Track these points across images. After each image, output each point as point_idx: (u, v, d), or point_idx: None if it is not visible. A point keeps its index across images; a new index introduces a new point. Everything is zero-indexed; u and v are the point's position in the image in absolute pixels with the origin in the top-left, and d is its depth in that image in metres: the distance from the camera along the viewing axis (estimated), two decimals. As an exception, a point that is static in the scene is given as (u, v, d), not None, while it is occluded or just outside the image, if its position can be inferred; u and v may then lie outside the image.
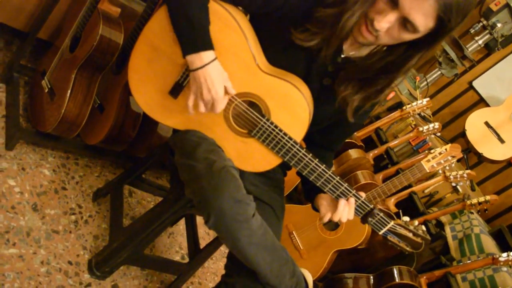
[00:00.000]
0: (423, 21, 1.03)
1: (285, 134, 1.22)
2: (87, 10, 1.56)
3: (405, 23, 1.05)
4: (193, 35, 1.14)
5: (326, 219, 1.28)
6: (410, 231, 1.30)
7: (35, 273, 1.46)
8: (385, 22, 1.06)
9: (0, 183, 1.55)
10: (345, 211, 1.24)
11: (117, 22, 1.62)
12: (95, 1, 1.54)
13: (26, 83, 1.89)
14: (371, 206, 1.27)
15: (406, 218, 1.31)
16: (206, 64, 1.15)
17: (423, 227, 1.31)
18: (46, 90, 1.68)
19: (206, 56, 1.15)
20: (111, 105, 1.71)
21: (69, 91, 1.61)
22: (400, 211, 1.38)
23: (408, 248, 1.32)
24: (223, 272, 2.12)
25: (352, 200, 1.25)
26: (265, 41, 1.26)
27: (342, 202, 1.24)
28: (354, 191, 1.24)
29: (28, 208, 1.57)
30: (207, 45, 1.15)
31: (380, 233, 1.30)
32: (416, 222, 1.31)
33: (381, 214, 1.27)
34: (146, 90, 1.33)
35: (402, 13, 1.03)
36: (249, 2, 1.23)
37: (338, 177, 1.23)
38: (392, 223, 1.29)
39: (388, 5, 1.04)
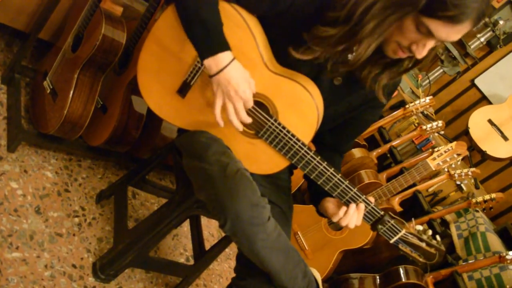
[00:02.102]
0: (459, 37, 1.03)
1: (292, 135, 1.19)
2: (89, 9, 1.54)
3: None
4: (208, 38, 1.10)
5: (336, 219, 1.23)
6: (423, 240, 1.23)
7: (39, 277, 1.44)
8: (426, 51, 1.05)
9: (2, 185, 1.52)
10: (354, 216, 1.21)
11: (120, 21, 1.59)
12: (98, 0, 1.52)
13: (27, 84, 1.86)
14: (381, 213, 1.22)
15: (419, 227, 1.25)
16: (225, 67, 1.10)
17: (438, 237, 1.25)
18: (48, 91, 1.66)
19: (223, 58, 1.10)
20: (114, 106, 1.69)
21: (71, 92, 1.58)
22: (413, 219, 1.33)
23: (421, 259, 1.25)
24: (228, 274, 2.12)
25: (362, 205, 1.21)
26: (272, 46, 1.24)
27: (352, 207, 1.21)
28: (364, 196, 1.21)
29: (31, 211, 1.55)
30: (224, 46, 1.11)
31: (391, 241, 1.25)
32: (430, 232, 1.25)
33: (392, 222, 1.22)
34: (155, 89, 1.31)
35: (440, 39, 1.03)
36: (255, 6, 1.21)
37: (347, 181, 1.20)
38: (403, 231, 1.23)
39: (423, 35, 1.02)
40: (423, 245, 1.23)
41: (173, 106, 1.30)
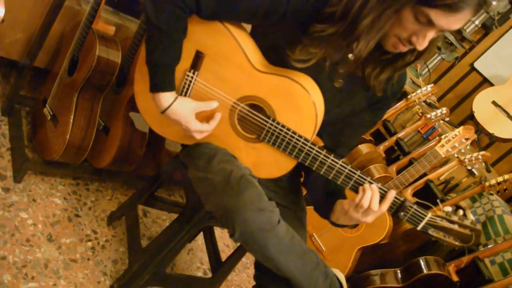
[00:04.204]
0: (460, 25, 1.01)
1: (294, 132, 1.16)
2: (81, 32, 1.54)
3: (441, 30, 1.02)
4: (155, 77, 1.18)
5: (357, 200, 1.13)
6: (454, 222, 1.13)
7: (58, 305, 1.42)
8: (427, 42, 1.02)
9: (12, 217, 1.51)
10: (368, 195, 1.12)
11: (113, 41, 1.59)
12: (89, 22, 1.52)
13: (27, 113, 1.86)
14: (401, 199, 1.15)
15: (448, 208, 1.16)
16: (168, 106, 1.19)
17: (471, 217, 1.16)
18: (49, 118, 1.66)
19: (165, 98, 1.19)
20: (116, 126, 1.68)
21: (72, 116, 1.58)
22: (438, 200, 1.26)
23: (456, 243, 1.16)
24: (247, 283, 2.09)
25: (374, 186, 1.14)
26: (271, 53, 1.22)
27: (366, 185, 1.14)
28: (380, 184, 1.16)
29: (43, 240, 1.54)
30: (167, 87, 1.19)
31: (418, 228, 1.16)
32: (461, 212, 1.15)
33: (415, 207, 1.15)
34: (153, 109, 1.30)
35: (441, 29, 1.00)
36: (247, 21, 1.21)
37: (359, 171, 1.17)
38: (429, 215, 1.14)
39: (423, 25, 0.99)
40: (455, 227, 1.14)
41: (173, 124, 1.29)
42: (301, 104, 1.16)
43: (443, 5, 0.94)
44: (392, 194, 1.14)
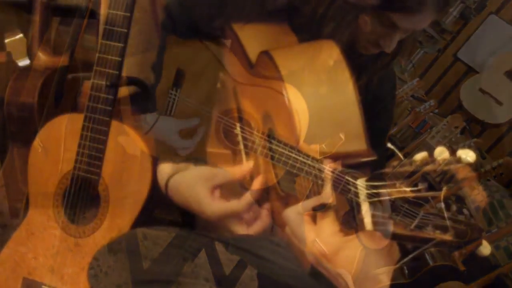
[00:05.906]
0: (427, 24, 1.03)
1: (279, 141, 1.16)
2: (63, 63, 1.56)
3: None
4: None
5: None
6: (447, 219, 1.16)
7: (65, 336, 1.41)
8: (393, 44, 1.04)
9: (11, 253, 1.51)
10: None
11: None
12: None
13: (19, 148, 1.87)
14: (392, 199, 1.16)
15: (441, 205, 1.17)
16: (151, 128, 1.22)
17: (465, 211, 1.14)
18: (40, 150, 1.67)
19: (146, 119, 1.22)
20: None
21: (62, 145, 1.59)
22: (430, 198, 1.25)
23: (453, 239, 1.18)
24: (255, 295, 2.07)
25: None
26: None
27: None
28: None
29: (45, 272, 1.53)
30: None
31: (411, 227, 1.16)
32: (454, 208, 1.17)
33: (406, 206, 1.15)
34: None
35: (406, 30, 1.02)
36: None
37: (347, 175, 1.16)
38: (421, 213, 1.14)
39: (387, 28, 1.01)
40: (449, 223, 1.16)
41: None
42: (283, 112, 1.17)
43: (404, 8, 0.95)
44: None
